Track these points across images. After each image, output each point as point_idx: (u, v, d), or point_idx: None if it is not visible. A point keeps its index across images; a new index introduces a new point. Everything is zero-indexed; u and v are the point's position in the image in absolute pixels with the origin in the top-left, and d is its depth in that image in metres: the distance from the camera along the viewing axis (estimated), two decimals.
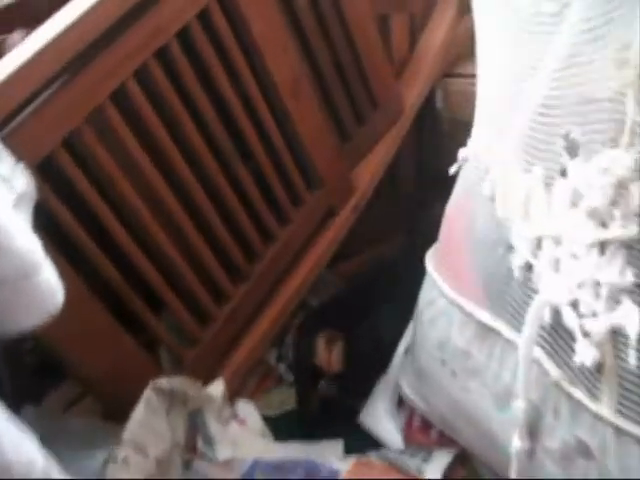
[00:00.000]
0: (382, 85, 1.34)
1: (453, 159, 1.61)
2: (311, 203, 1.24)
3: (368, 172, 1.34)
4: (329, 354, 1.21)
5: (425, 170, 1.60)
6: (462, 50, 1.59)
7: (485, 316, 0.81)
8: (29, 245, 0.56)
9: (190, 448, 1.02)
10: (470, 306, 0.83)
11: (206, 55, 1.01)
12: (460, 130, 1.56)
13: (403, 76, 1.46)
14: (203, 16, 0.99)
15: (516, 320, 0.77)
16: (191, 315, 1.09)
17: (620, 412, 0.66)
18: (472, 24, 1.66)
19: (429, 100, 1.53)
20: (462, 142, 1.55)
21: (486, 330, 0.81)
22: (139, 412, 0.93)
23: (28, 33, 0.91)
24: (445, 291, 0.87)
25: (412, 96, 1.43)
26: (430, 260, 0.94)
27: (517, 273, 0.76)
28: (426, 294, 0.92)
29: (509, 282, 0.78)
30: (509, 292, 0.78)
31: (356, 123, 1.33)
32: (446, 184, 1.63)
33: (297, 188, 1.21)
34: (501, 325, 0.79)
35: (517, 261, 0.76)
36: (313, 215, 1.26)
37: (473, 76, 1.52)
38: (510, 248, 0.77)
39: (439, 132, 1.53)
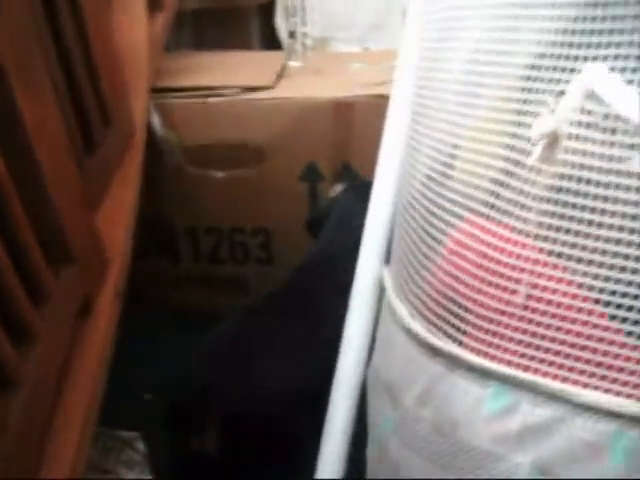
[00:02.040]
0: (114, 93, 0.77)
1: (184, 202, 1.09)
2: (59, 297, 0.61)
3: (119, 226, 0.75)
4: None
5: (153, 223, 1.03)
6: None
7: None
8: None
9: None
10: None
11: None
12: (192, 160, 1.04)
13: None
14: None
15: None
16: None
17: None
18: (166, 23, 1.18)
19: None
20: (193, 176, 1.05)
21: None
22: None
23: None
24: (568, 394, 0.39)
25: (139, 111, 0.87)
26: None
27: None
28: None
29: None
30: None
31: (86, 150, 0.73)
32: (172, 237, 1.10)
33: (38, 274, 0.57)
34: None
35: None
36: (66, 318, 0.62)
37: (195, 89, 1.04)
38: None
39: (161, 164, 0.99)
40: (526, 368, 0.42)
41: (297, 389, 0.72)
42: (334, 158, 0.96)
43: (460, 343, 0.45)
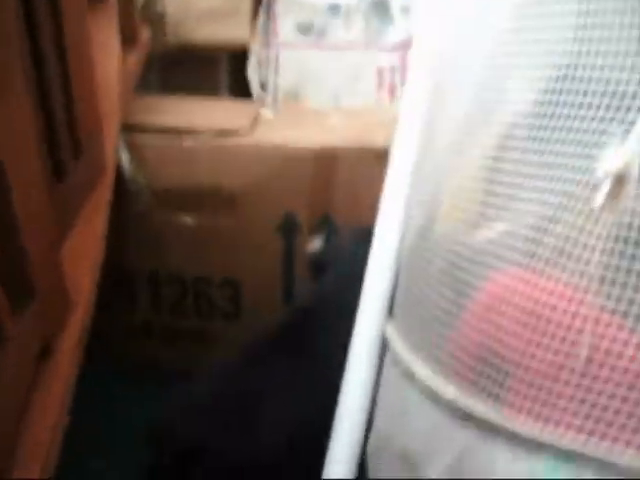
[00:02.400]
0: (87, 123, 0.70)
1: (148, 247, 1.00)
2: (19, 340, 0.53)
3: (84, 266, 0.67)
4: None
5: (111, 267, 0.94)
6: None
7: None
8: None
9: None
10: None
11: None
12: (160, 203, 0.97)
13: None
14: None
15: None
16: None
17: None
18: (139, 62, 1.12)
19: None
20: (161, 221, 0.97)
21: None
22: None
23: None
24: None
25: (109, 147, 0.81)
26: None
27: None
28: None
29: None
30: None
31: (54, 179, 0.66)
32: (131, 285, 1.01)
33: None
34: None
35: None
36: (25, 363, 0.54)
37: (168, 129, 0.97)
38: None
39: (127, 206, 0.92)
40: (585, 442, 0.36)
41: (287, 438, 0.65)
42: (314, 209, 0.91)
43: (499, 408, 0.39)
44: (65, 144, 0.66)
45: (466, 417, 0.41)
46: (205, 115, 0.99)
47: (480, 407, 0.40)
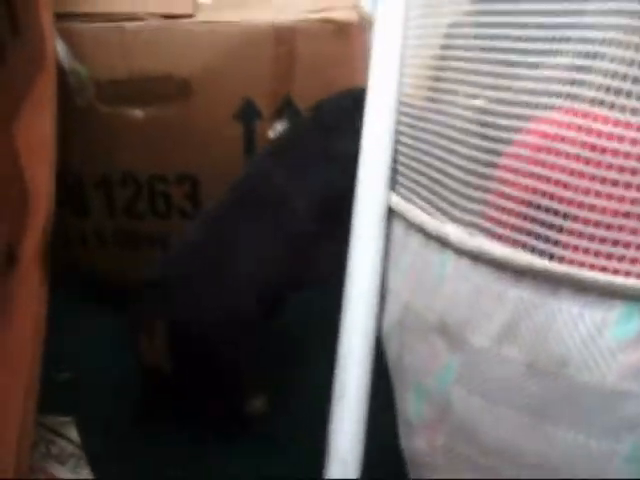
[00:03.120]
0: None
1: (94, 146, 0.89)
2: None
3: (40, 161, 0.58)
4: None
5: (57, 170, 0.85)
6: None
7: None
8: None
9: None
10: None
11: None
12: (105, 97, 0.87)
13: None
14: None
15: None
16: None
17: None
18: None
19: None
20: (106, 116, 0.86)
21: None
22: None
23: None
24: None
25: (47, 30, 0.71)
26: None
27: None
28: None
29: None
30: None
31: None
32: (80, 188, 0.91)
33: None
34: None
35: None
36: None
37: (107, 14, 0.85)
38: None
39: (68, 102, 0.82)
40: None
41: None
42: (274, 93, 0.84)
43: (559, 259, 0.34)
44: (2, 18, 0.56)
45: (519, 273, 0.36)
46: (140, 1, 0.88)
47: (537, 260, 0.35)
